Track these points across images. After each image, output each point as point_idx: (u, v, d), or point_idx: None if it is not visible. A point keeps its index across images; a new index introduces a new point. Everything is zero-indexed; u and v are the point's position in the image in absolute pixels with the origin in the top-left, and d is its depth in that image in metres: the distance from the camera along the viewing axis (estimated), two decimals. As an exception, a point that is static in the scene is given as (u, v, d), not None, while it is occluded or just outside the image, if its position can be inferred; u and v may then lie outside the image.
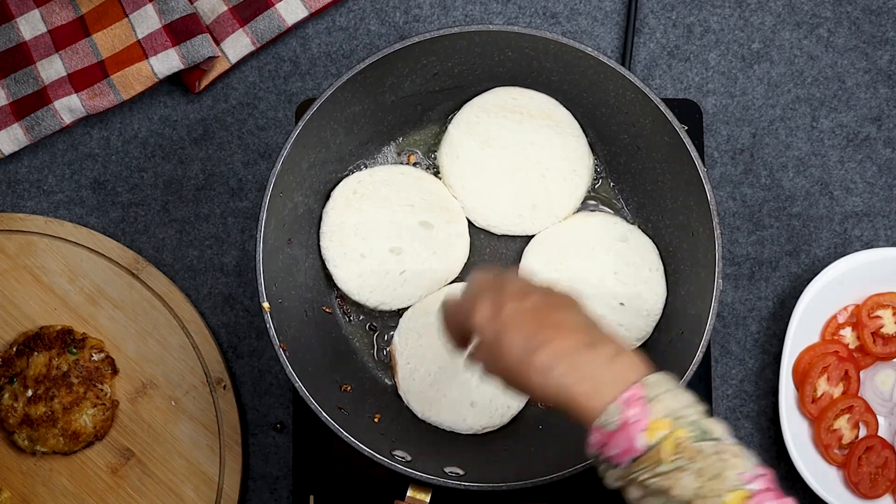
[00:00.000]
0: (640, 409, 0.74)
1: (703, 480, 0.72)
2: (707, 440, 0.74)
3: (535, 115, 1.05)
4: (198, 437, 1.09)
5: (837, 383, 1.07)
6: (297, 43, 1.16)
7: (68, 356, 1.08)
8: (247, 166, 1.14)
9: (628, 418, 0.74)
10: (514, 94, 1.05)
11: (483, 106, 1.06)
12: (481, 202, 1.06)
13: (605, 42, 1.15)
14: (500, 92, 1.05)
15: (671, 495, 0.73)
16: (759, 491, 0.72)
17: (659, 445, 0.74)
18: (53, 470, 1.09)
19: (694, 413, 0.75)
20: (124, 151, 1.15)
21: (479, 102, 1.06)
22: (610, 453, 0.76)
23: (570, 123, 1.05)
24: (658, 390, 0.75)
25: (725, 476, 0.73)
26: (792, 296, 1.11)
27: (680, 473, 0.73)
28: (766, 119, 1.14)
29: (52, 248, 1.11)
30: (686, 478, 0.73)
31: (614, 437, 0.75)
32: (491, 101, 1.05)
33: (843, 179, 1.14)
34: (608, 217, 1.06)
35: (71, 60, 1.13)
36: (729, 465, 0.73)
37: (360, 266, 1.05)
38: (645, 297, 1.03)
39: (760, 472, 0.74)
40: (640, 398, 0.75)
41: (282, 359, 0.95)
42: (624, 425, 0.74)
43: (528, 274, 0.93)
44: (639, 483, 0.75)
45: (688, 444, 0.73)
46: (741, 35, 1.15)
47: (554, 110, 1.05)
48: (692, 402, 0.76)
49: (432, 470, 0.96)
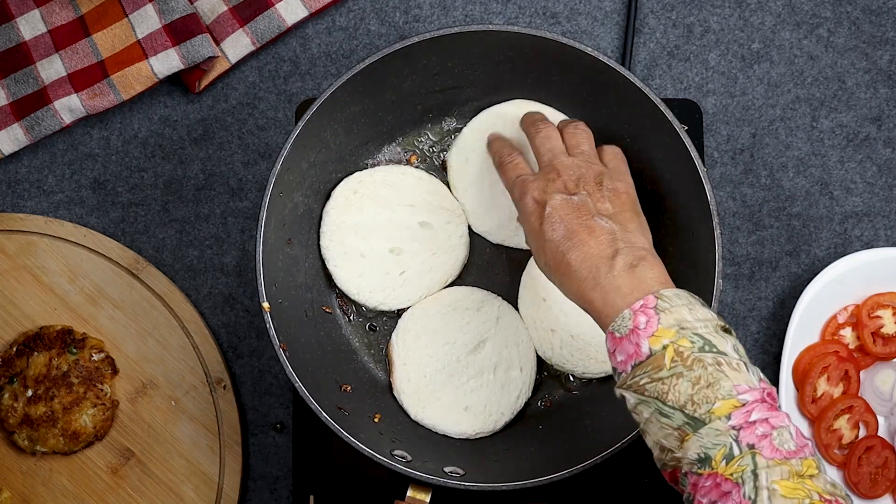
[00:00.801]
0: (648, 318, 0.78)
1: (697, 388, 0.75)
2: (710, 352, 0.76)
3: None
4: (198, 437, 1.09)
5: (837, 383, 1.07)
6: (297, 43, 1.15)
7: (68, 356, 1.08)
8: (247, 166, 1.14)
9: (637, 324, 0.78)
10: (532, 108, 1.05)
11: (501, 114, 1.05)
12: (482, 207, 1.06)
13: (605, 42, 1.15)
14: (519, 104, 1.05)
15: (665, 401, 0.76)
16: (752, 402, 0.74)
17: (661, 353, 0.76)
18: (53, 470, 1.09)
19: (705, 327, 0.77)
20: (124, 151, 1.15)
21: (497, 111, 1.05)
22: (617, 360, 0.79)
23: None
24: (674, 303, 0.79)
25: (721, 385, 0.75)
26: (792, 296, 1.11)
27: (677, 380, 0.75)
28: (766, 119, 1.14)
29: (52, 248, 1.11)
30: (682, 384, 0.75)
31: (622, 343, 0.78)
32: (510, 111, 1.05)
33: (843, 179, 1.14)
34: None
35: (71, 60, 1.13)
36: (726, 375, 0.75)
37: (359, 266, 1.05)
38: None
39: (760, 386, 0.75)
40: (651, 307, 0.78)
41: (282, 359, 0.95)
42: (632, 331, 0.78)
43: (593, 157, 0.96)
44: (637, 388, 0.77)
45: (689, 353, 0.76)
46: (741, 35, 1.15)
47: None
48: (709, 317, 0.79)
49: (432, 470, 0.96)
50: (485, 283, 1.07)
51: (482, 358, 1.05)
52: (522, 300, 1.06)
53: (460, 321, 1.05)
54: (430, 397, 1.03)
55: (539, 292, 1.05)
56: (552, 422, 1.05)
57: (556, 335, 1.04)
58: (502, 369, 1.04)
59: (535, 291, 1.05)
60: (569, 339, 1.04)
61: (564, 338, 1.04)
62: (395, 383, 1.05)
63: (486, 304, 1.06)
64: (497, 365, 1.04)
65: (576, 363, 1.04)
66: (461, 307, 1.05)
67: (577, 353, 1.04)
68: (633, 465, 1.07)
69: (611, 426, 0.97)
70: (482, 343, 1.05)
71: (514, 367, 1.04)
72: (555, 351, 1.04)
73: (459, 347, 1.05)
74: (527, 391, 1.04)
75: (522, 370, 1.04)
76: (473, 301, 1.06)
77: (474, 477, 0.96)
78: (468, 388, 1.04)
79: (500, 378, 1.04)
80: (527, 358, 1.05)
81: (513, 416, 1.04)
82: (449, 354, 1.04)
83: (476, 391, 1.04)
